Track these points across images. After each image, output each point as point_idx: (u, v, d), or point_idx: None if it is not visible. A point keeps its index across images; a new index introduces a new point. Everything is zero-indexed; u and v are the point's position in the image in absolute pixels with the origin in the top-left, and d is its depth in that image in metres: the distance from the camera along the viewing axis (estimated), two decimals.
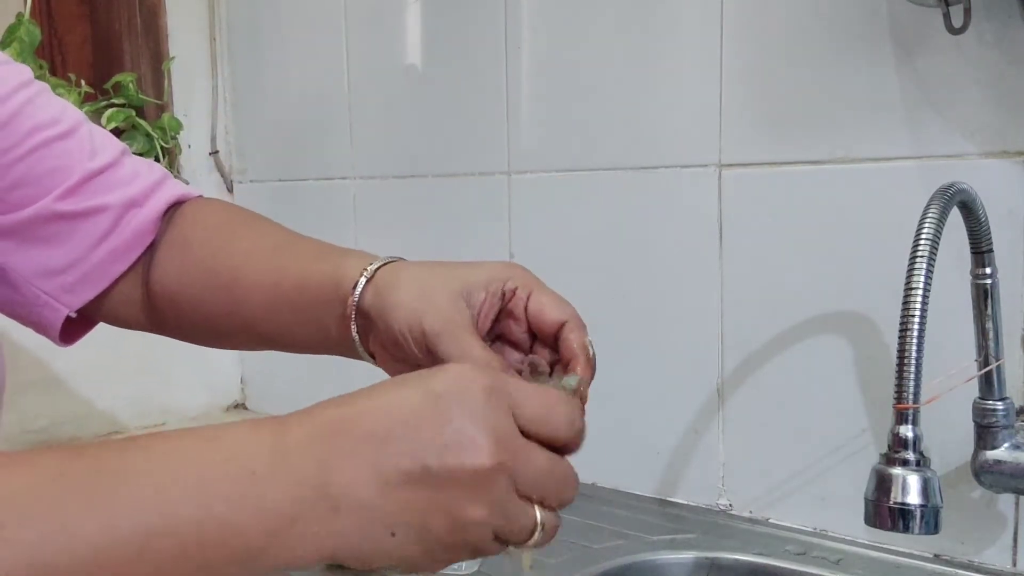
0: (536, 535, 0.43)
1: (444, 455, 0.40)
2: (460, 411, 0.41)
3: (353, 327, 0.58)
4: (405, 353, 0.55)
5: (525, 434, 0.43)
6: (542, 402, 0.44)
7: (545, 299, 0.56)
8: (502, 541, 0.43)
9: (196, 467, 0.39)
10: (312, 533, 0.39)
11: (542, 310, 0.56)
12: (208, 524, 0.38)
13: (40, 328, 0.71)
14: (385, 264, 0.59)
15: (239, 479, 0.39)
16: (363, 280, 0.57)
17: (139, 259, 0.70)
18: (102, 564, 0.36)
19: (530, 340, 0.57)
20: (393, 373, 0.58)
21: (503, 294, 0.56)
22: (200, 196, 0.75)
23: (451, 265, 0.57)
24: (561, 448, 0.45)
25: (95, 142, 0.69)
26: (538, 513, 0.43)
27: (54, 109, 0.68)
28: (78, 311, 0.70)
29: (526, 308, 0.56)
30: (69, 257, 0.68)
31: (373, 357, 0.60)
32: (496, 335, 0.58)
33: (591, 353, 0.55)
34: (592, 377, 0.54)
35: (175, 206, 0.72)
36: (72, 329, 0.72)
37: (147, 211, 0.70)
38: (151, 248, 0.71)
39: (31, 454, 0.39)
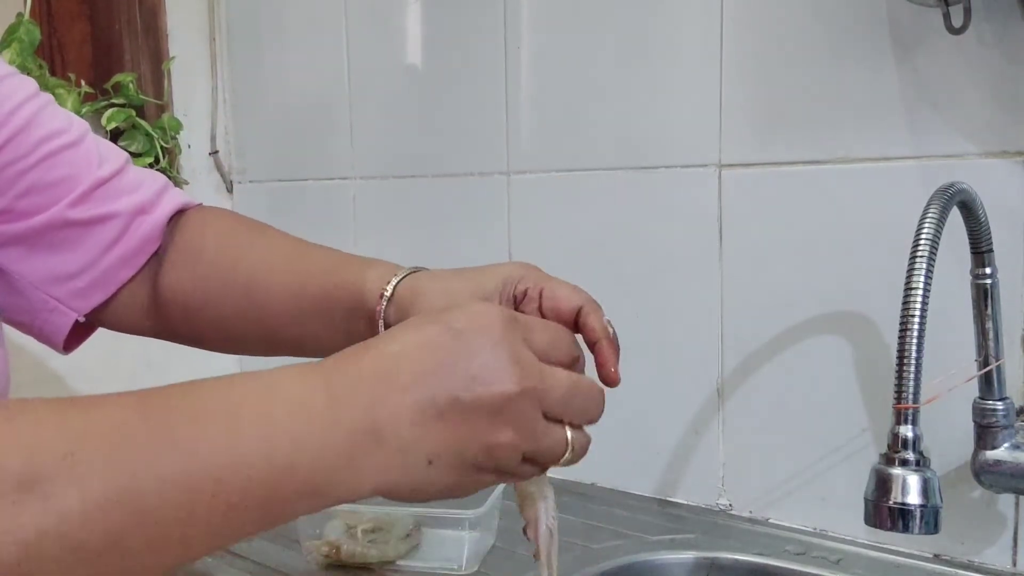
0: (567, 454, 0.49)
1: (473, 386, 0.44)
2: (483, 343, 0.45)
3: (381, 328, 0.63)
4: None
5: (540, 359, 0.47)
6: (549, 330, 0.50)
7: (558, 290, 0.60)
8: (533, 462, 0.48)
9: (261, 411, 0.42)
10: (364, 468, 0.43)
11: (557, 301, 0.60)
12: (275, 464, 0.41)
13: (43, 335, 0.73)
14: (410, 274, 0.65)
15: (299, 422, 0.43)
16: (390, 288, 0.63)
17: (145, 264, 0.72)
18: (181, 500, 0.40)
19: None
20: None
21: (514, 297, 0.61)
22: (201, 204, 0.77)
23: (467, 272, 0.63)
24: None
25: (101, 151, 0.72)
26: (568, 432, 0.48)
27: (61, 120, 0.71)
28: (85, 316, 0.71)
29: (540, 303, 0.60)
30: (80, 262, 0.70)
31: None
32: None
33: (612, 332, 0.60)
34: (617, 353, 0.59)
35: (179, 213, 0.75)
36: (74, 335, 0.73)
37: (154, 218, 0.72)
38: (157, 254, 0.73)
39: (112, 396, 0.42)
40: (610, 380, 0.58)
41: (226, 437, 0.41)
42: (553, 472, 0.53)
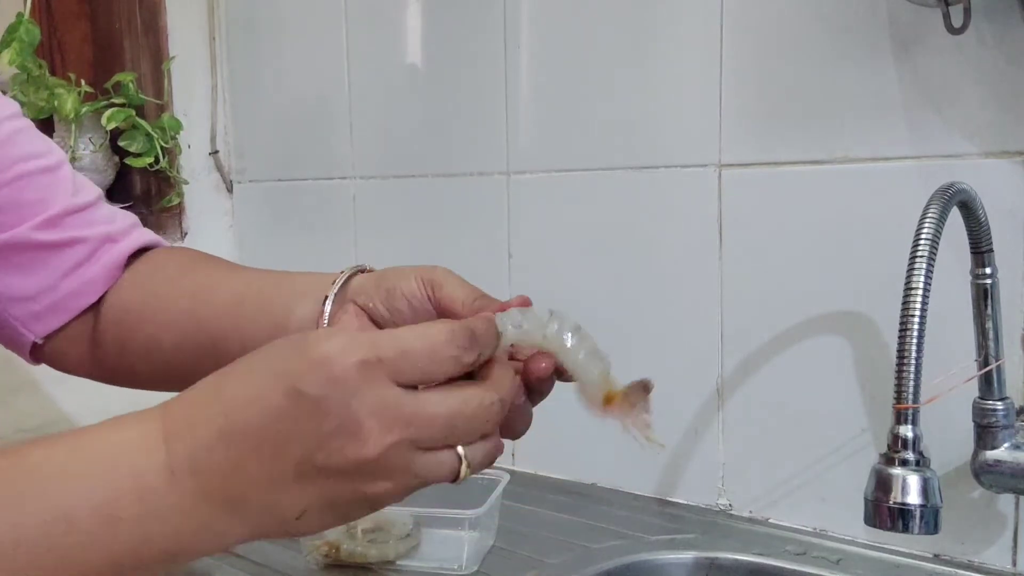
0: (463, 471, 0.44)
1: (330, 452, 0.41)
2: (333, 402, 0.41)
3: (329, 304, 0.60)
4: (394, 300, 0.57)
5: (420, 382, 0.43)
6: (422, 351, 0.42)
7: (450, 290, 0.59)
8: (427, 484, 0.44)
9: (101, 483, 0.42)
10: (217, 533, 0.43)
11: (446, 299, 0.57)
12: (120, 540, 0.42)
13: (10, 347, 0.73)
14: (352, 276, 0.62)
15: (142, 498, 0.42)
16: (346, 274, 0.62)
17: (104, 295, 0.71)
18: (18, 559, 0.40)
19: None
20: None
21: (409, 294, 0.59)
22: (171, 246, 0.78)
23: (384, 274, 0.62)
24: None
25: (77, 182, 0.72)
26: (461, 452, 0.44)
27: (40, 145, 0.71)
28: (42, 339, 0.71)
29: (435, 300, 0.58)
30: (40, 285, 0.69)
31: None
32: None
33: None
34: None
35: (145, 250, 0.74)
36: (40, 350, 0.73)
37: (122, 247, 0.71)
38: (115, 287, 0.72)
39: None
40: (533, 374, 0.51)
41: (63, 515, 0.41)
42: (552, 472, 0.52)
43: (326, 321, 0.60)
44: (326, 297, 0.60)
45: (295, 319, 0.62)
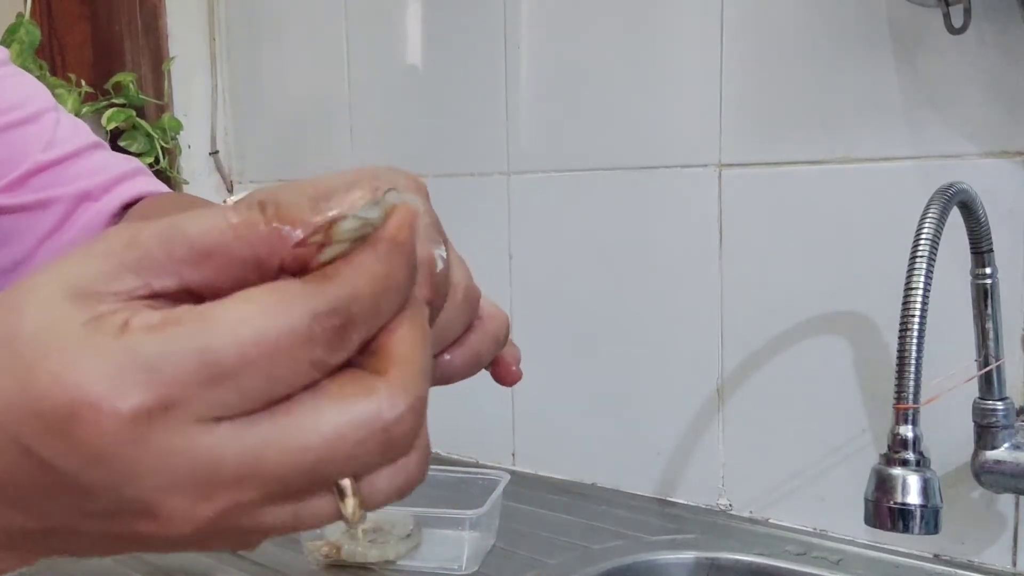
0: (350, 511, 0.26)
1: (115, 531, 0.26)
2: (104, 485, 0.24)
3: None
4: None
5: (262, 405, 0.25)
6: (257, 362, 0.24)
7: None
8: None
9: None
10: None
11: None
12: None
13: None
14: None
15: None
16: None
17: None
18: None
19: None
20: None
21: None
22: (171, 192, 0.70)
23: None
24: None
25: (58, 132, 0.63)
26: (346, 485, 0.26)
27: (21, 93, 0.63)
28: None
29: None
30: (16, 255, 0.62)
31: None
32: None
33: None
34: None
35: (137, 202, 0.64)
36: None
37: (101, 205, 0.63)
38: None
39: None
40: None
41: None
42: (552, 472, 0.50)
43: None
44: None
45: None
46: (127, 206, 0.64)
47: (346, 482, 0.26)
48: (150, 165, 1.31)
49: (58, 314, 0.24)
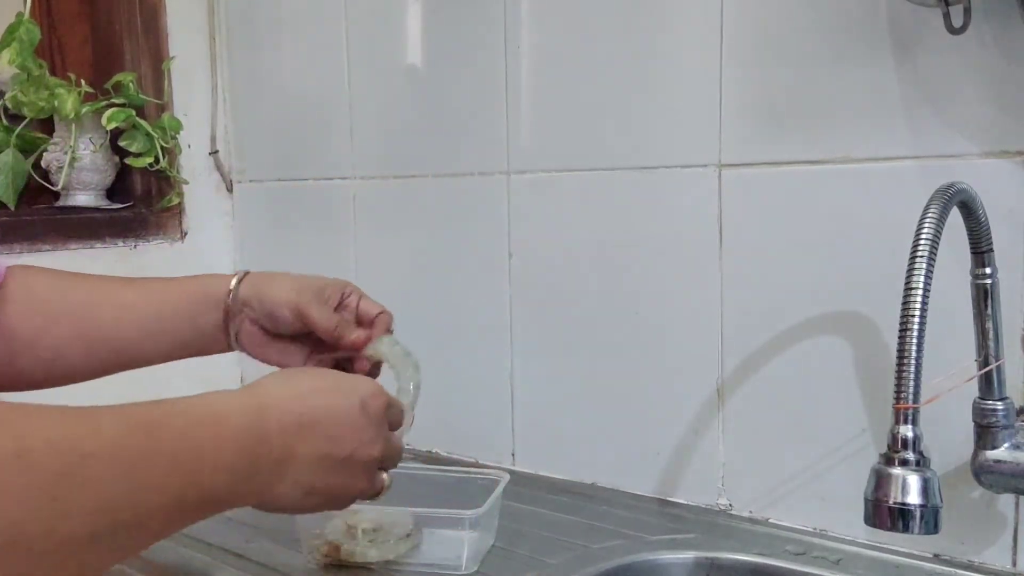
0: (384, 491, 0.66)
1: (359, 449, 0.62)
2: (370, 423, 0.63)
3: (233, 334, 0.78)
4: (277, 324, 0.77)
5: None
6: (395, 409, 0.68)
7: (367, 302, 0.81)
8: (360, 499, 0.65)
9: (212, 444, 0.53)
10: (258, 490, 0.57)
11: (367, 307, 0.80)
12: (214, 486, 0.53)
13: None
14: (246, 274, 0.79)
15: (240, 453, 0.55)
16: (235, 280, 0.78)
17: None
18: (154, 513, 0.48)
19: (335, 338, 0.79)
20: (256, 352, 0.79)
21: (342, 293, 0.80)
22: (14, 264, 0.78)
23: (300, 275, 0.80)
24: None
25: None
26: (385, 477, 0.66)
27: None
28: None
29: (357, 305, 0.80)
30: None
31: (236, 340, 0.79)
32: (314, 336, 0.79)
33: (391, 329, 0.80)
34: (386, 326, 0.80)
35: None
36: None
37: None
38: None
39: (101, 413, 0.48)
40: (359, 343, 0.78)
41: (191, 464, 0.51)
42: (552, 472, 0.55)
43: (232, 332, 0.78)
44: (226, 307, 0.77)
45: (200, 326, 0.78)
46: None
47: (386, 475, 0.67)
48: (150, 165, 1.31)
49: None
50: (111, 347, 0.77)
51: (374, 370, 0.78)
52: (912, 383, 0.59)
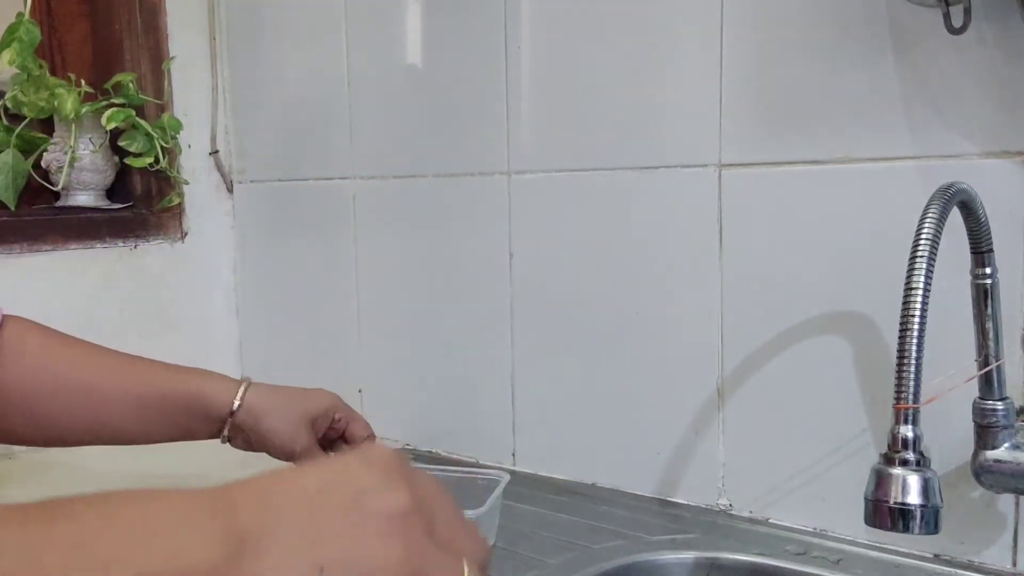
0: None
1: (362, 500, 0.41)
2: (394, 538, 0.41)
3: (225, 434, 0.84)
4: (266, 449, 0.84)
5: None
6: (455, 521, 0.49)
7: (356, 424, 0.89)
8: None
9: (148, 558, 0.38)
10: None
11: (355, 431, 0.89)
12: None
13: None
14: (246, 389, 0.84)
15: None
16: (237, 402, 0.83)
17: None
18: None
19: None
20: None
21: (333, 419, 0.88)
22: (9, 315, 0.79)
23: (297, 394, 0.87)
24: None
25: None
26: (465, 568, 0.44)
27: None
28: None
29: (345, 428, 0.88)
30: None
31: (225, 441, 0.85)
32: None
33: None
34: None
35: None
36: None
37: None
38: None
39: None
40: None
41: None
42: (552, 472, 0.53)
43: (224, 436, 0.84)
44: (221, 425, 0.83)
45: (194, 431, 0.83)
46: None
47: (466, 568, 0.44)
48: (150, 165, 1.31)
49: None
50: (108, 431, 0.81)
51: None
52: (912, 383, 0.59)
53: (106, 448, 0.85)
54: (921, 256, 0.61)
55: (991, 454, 0.74)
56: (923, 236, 0.61)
